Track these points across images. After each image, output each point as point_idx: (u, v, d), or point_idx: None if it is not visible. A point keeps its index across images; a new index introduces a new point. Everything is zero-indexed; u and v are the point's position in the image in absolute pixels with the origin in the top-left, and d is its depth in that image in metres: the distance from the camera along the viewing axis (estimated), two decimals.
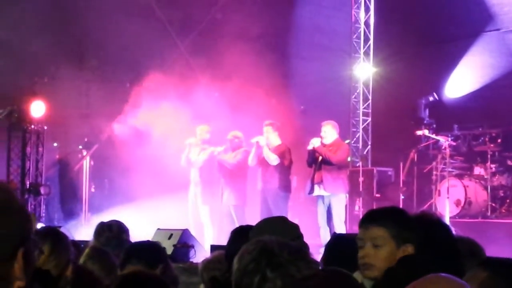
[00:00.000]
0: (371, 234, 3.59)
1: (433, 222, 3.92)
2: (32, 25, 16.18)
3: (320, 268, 3.48)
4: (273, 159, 12.82)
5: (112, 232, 6.22)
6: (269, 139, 13.02)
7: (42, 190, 16.80)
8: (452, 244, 3.82)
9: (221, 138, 14.08)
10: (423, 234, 3.70)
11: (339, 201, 12.48)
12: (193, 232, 11.40)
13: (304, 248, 3.22)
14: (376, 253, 3.56)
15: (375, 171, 14.91)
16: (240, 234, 4.57)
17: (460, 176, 14.11)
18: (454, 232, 3.99)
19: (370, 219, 3.67)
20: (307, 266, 2.80)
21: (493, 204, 13.68)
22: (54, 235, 4.09)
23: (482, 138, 14.58)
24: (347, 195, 13.18)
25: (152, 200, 14.08)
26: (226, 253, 4.67)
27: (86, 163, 16.33)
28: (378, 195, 14.56)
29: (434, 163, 14.28)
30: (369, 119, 16.24)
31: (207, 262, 5.66)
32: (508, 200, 13.73)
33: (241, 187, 13.53)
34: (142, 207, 14.29)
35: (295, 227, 4.00)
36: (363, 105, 16.19)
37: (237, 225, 12.09)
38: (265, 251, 2.82)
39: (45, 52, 16.36)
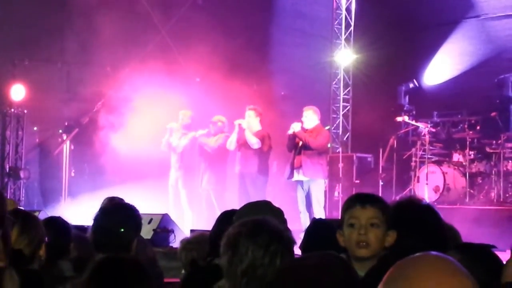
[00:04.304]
0: (369, 214, 3.62)
1: (422, 208, 3.94)
2: (12, 8, 16.10)
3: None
4: (255, 142, 12.88)
5: None
6: (250, 124, 13.07)
7: (21, 174, 16.77)
8: (441, 230, 3.85)
9: (202, 124, 14.10)
10: (411, 218, 3.74)
11: (318, 187, 12.54)
12: (173, 217, 11.42)
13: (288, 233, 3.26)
14: (372, 232, 3.60)
15: (354, 157, 14.97)
16: (224, 218, 4.59)
17: (439, 163, 14.20)
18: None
19: (367, 199, 3.69)
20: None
21: (471, 191, 13.78)
22: (23, 215, 4.09)
23: (461, 125, 14.68)
24: (326, 180, 13.24)
25: (132, 184, 14.07)
26: (210, 237, 4.69)
27: (66, 147, 16.28)
28: (357, 181, 14.64)
29: (413, 150, 14.35)
30: (349, 106, 16.29)
31: (186, 243, 5.75)
32: (486, 187, 13.83)
33: (221, 171, 13.60)
34: (122, 191, 14.25)
35: (280, 212, 4.01)
36: (343, 92, 16.23)
37: (217, 209, 12.20)
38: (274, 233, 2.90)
39: (25, 35, 16.29)
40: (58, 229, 4.73)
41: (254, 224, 2.96)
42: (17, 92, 16.46)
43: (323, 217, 11.85)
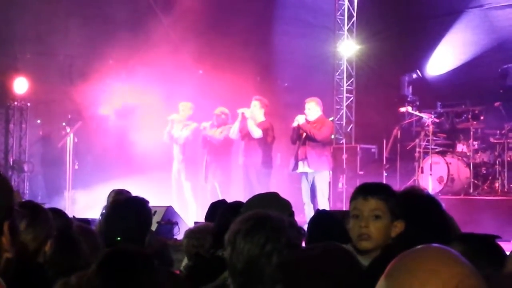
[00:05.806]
0: (371, 206, 3.61)
1: (423, 197, 3.95)
2: (14, 1, 16.10)
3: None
4: (257, 132, 12.87)
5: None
6: (254, 114, 13.05)
7: (25, 167, 16.80)
8: (443, 220, 3.85)
9: (205, 115, 14.10)
10: (413, 209, 3.73)
11: (323, 178, 12.54)
12: (176, 208, 11.43)
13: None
14: (374, 224, 3.58)
15: (358, 148, 14.96)
16: (229, 210, 4.58)
17: (443, 153, 14.17)
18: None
19: (369, 191, 3.68)
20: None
21: (476, 181, 13.74)
22: (32, 208, 3.95)
23: (465, 115, 14.62)
24: (331, 172, 13.24)
25: (136, 177, 14.09)
26: (215, 229, 4.67)
27: (70, 140, 16.28)
28: (361, 172, 14.62)
29: (417, 140, 14.31)
30: (353, 96, 16.27)
31: (189, 232, 5.91)
32: (490, 177, 13.80)
33: (226, 163, 13.60)
34: (126, 184, 14.25)
35: (287, 204, 4.00)
36: (346, 82, 16.21)
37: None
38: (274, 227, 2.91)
39: (27, 28, 16.28)
40: (63, 220, 4.70)
41: (253, 222, 2.95)
42: (20, 85, 16.48)
43: (327, 208, 11.85)
